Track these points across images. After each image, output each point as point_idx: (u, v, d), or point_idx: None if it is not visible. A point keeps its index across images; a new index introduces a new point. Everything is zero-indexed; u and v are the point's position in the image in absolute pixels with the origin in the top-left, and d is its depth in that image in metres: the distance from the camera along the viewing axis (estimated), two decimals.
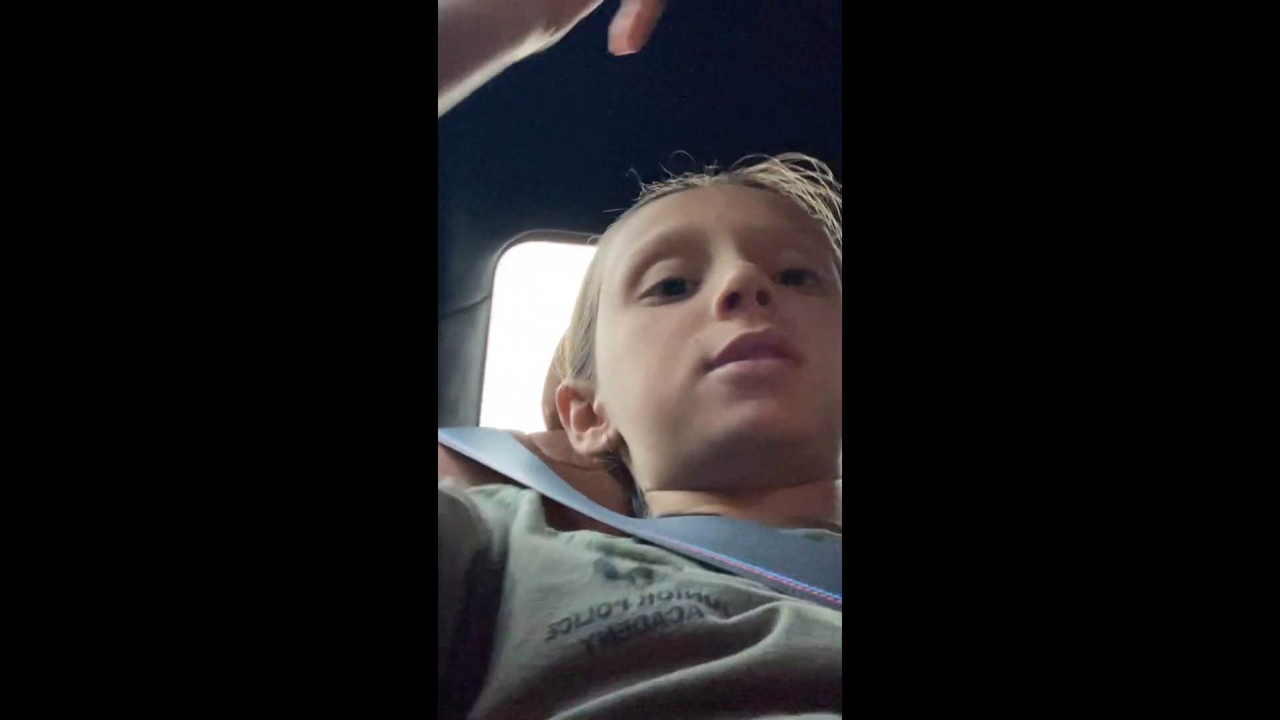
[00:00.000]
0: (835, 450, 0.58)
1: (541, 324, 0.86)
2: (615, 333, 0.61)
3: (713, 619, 0.40)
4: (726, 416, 0.54)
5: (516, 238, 0.86)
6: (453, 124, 0.73)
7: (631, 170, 0.68)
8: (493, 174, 0.83)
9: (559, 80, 0.77)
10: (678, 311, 0.58)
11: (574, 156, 0.84)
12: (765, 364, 0.54)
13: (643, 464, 0.61)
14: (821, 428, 0.56)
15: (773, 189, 0.66)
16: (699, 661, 0.39)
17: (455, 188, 0.81)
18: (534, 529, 0.50)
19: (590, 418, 0.65)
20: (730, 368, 0.54)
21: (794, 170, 0.66)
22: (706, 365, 0.55)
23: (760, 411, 0.53)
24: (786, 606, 0.41)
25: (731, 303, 0.56)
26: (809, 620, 0.40)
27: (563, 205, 0.86)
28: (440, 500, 0.47)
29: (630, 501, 0.66)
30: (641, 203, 0.66)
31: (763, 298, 0.56)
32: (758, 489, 0.56)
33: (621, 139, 0.82)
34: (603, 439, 0.63)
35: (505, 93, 0.80)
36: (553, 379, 0.74)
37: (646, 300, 0.60)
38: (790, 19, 0.76)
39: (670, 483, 0.59)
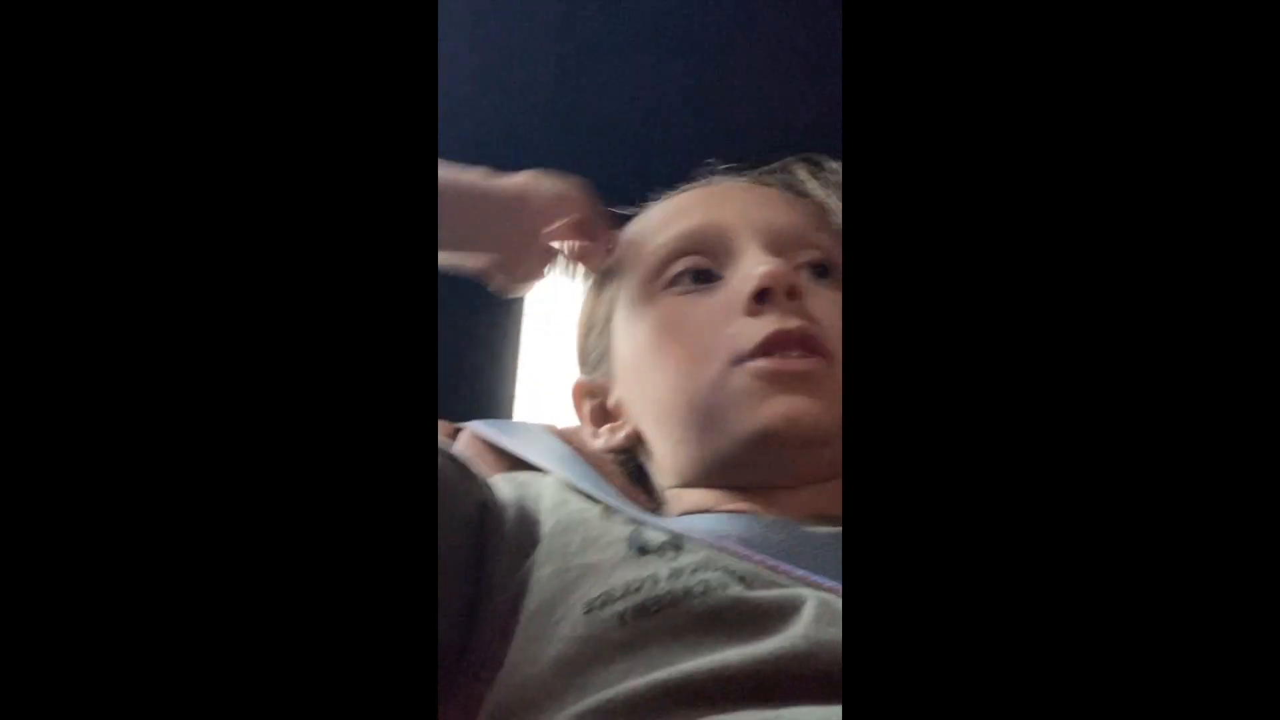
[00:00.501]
0: None
1: (530, 321, 0.86)
2: (639, 325, 0.60)
3: (738, 590, 0.41)
4: (760, 412, 0.53)
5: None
6: (462, 109, 0.72)
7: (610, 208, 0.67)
8: (505, 157, 0.83)
9: (547, 71, 0.76)
10: (706, 304, 0.58)
11: (562, 150, 0.84)
12: (798, 361, 0.54)
13: (666, 461, 0.60)
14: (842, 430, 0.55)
15: (789, 188, 0.65)
16: (726, 633, 0.40)
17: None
18: (568, 507, 0.51)
19: (605, 414, 0.64)
20: (763, 363, 0.54)
21: (808, 170, 0.66)
22: (738, 360, 0.55)
23: (793, 408, 0.53)
24: (813, 596, 0.41)
25: (763, 298, 0.56)
26: (835, 612, 0.40)
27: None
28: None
29: (646, 502, 0.66)
30: (657, 200, 0.66)
31: (793, 293, 0.56)
32: (782, 487, 0.56)
33: (662, 131, 0.82)
34: (620, 435, 0.62)
35: (479, 87, 0.79)
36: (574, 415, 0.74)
37: (673, 290, 0.59)
38: (789, 17, 0.76)
39: (695, 480, 0.58)
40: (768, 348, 0.54)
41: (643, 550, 0.45)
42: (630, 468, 0.65)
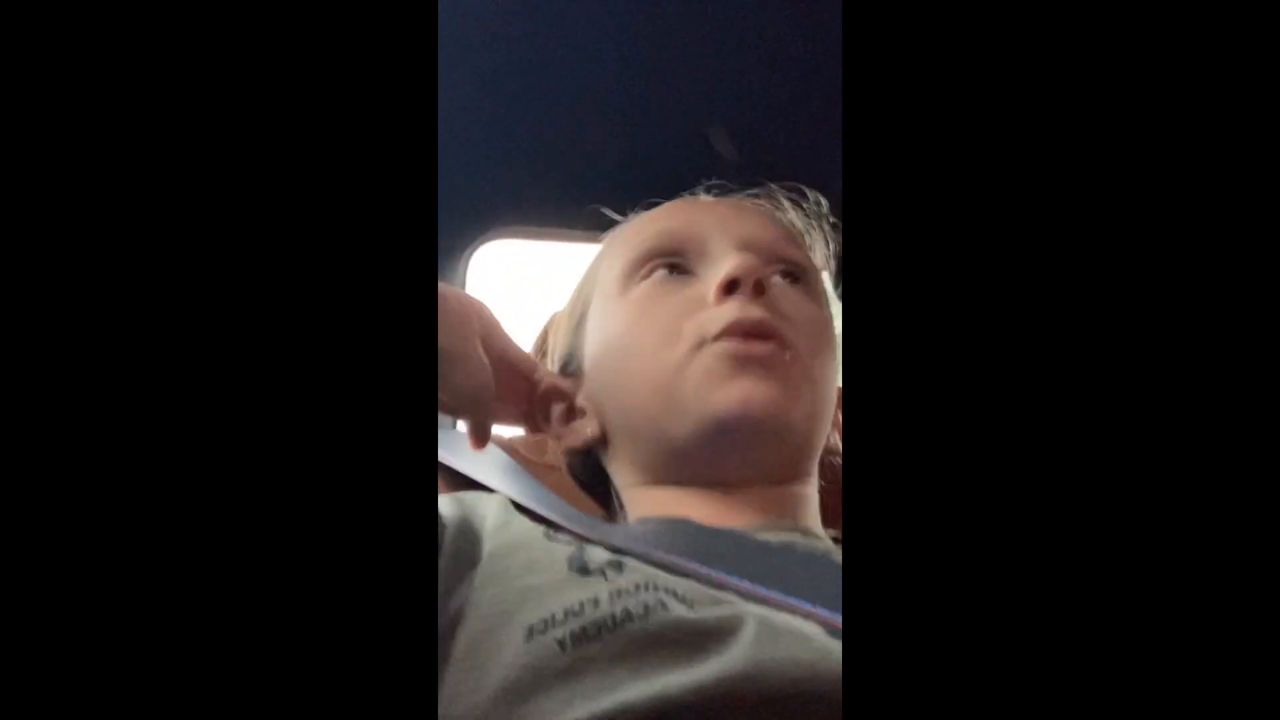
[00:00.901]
0: (814, 452, 0.59)
1: (513, 322, 0.85)
2: (612, 316, 0.61)
3: (679, 610, 0.41)
4: (721, 393, 0.54)
5: (487, 235, 0.85)
6: (462, 109, 0.71)
7: (595, 206, 0.69)
8: (463, 171, 0.82)
9: (529, 76, 0.76)
10: (678, 294, 0.59)
11: (545, 153, 0.83)
12: (761, 346, 0.55)
13: (625, 456, 0.60)
14: (804, 423, 0.56)
15: (768, 212, 0.67)
16: (668, 655, 0.39)
17: None
18: (510, 529, 0.50)
19: (572, 414, 0.64)
20: (727, 344, 0.55)
21: (790, 200, 0.68)
22: (700, 343, 0.56)
23: (754, 391, 0.54)
24: (751, 615, 0.41)
25: (730, 288, 0.56)
26: (777, 629, 0.40)
27: (533, 203, 0.85)
28: None
29: (599, 512, 0.65)
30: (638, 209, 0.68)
31: (759, 288, 0.57)
32: (736, 485, 0.56)
33: (595, 135, 0.82)
34: (585, 432, 0.62)
35: (473, 89, 0.80)
36: (539, 421, 0.74)
37: (647, 281, 0.60)
38: (780, 24, 0.76)
39: (651, 475, 0.59)
40: (731, 332, 0.55)
41: (583, 571, 0.45)
42: (587, 472, 0.65)
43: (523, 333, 0.77)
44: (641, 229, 0.64)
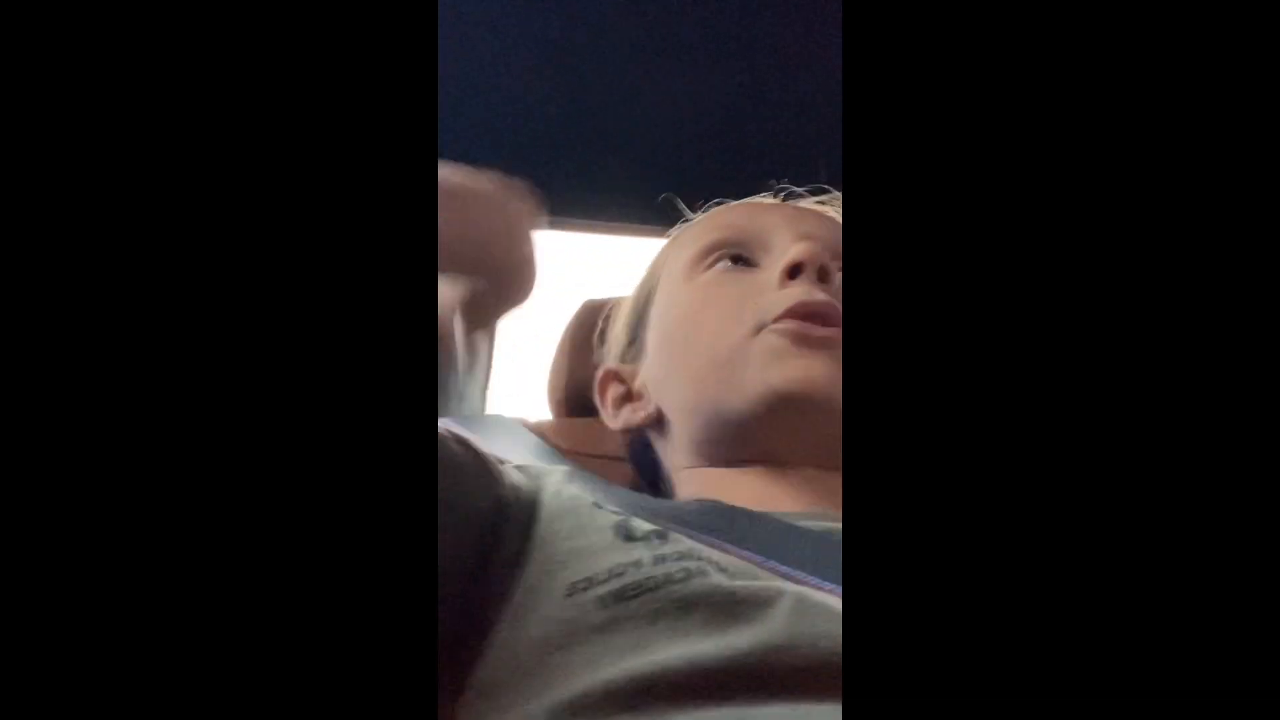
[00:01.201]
0: None
1: (549, 312, 0.86)
2: (676, 302, 0.64)
3: (719, 579, 0.42)
4: (780, 370, 0.55)
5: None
6: (464, 109, 0.72)
7: (669, 195, 0.71)
8: (506, 159, 0.83)
9: (533, 66, 0.76)
10: (742, 280, 0.61)
11: (590, 145, 0.84)
12: (820, 329, 0.56)
13: (680, 434, 0.61)
14: None
15: (832, 216, 0.69)
16: (704, 620, 0.40)
17: None
18: (562, 495, 0.51)
19: (628, 399, 0.66)
20: (787, 324, 0.56)
21: (835, 204, 0.70)
22: (762, 325, 0.57)
23: (812, 370, 0.55)
24: (790, 589, 0.42)
25: (794, 272, 0.58)
26: (813, 604, 0.41)
27: (575, 194, 0.85)
28: (454, 443, 0.48)
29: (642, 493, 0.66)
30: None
31: (824, 274, 0.58)
32: (787, 465, 0.57)
33: (632, 127, 0.82)
34: (641, 414, 0.64)
35: (475, 80, 0.80)
36: (559, 368, 0.74)
37: (711, 270, 0.63)
38: (791, 25, 0.76)
39: (703, 453, 0.60)
40: (793, 315, 0.56)
41: (629, 537, 0.45)
42: (640, 457, 0.66)
43: (521, 321, 0.77)
44: (707, 224, 0.67)
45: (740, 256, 0.63)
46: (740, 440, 0.58)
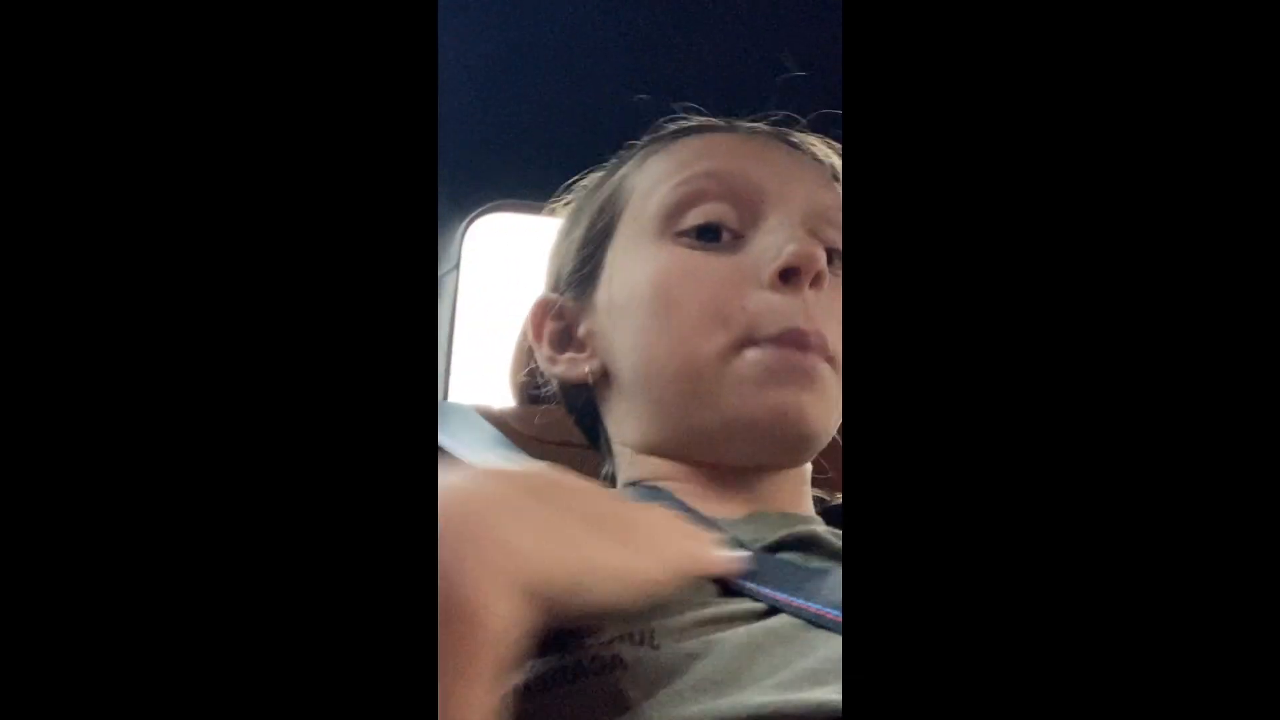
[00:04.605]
0: (818, 449, 0.57)
1: (510, 296, 0.85)
2: (641, 265, 0.56)
3: (623, 673, 0.39)
4: (759, 399, 0.51)
5: (484, 208, 0.85)
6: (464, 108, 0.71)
7: (641, 97, 0.63)
8: (460, 143, 0.82)
9: (526, 47, 0.75)
10: (719, 266, 0.54)
11: (543, 125, 0.83)
12: (804, 358, 0.52)
13: (633, 419, 0.57)
14: (824, 430, 0.54)
15: (815, 159, 0.62)
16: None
17: None
18: None
19: (569, 341, 0.60)
20: (772, 352, 0.51)
21: (824, 142, 0.63)
22: (749, 341, 0.52)
23: (793, 402, 0.51)
24: (731, 644, 0.40)
25: (787, 276, 0.52)
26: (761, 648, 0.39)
27: (532, 175, 0.84)
28: None
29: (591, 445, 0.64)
30: (673, 137, 0.61)
31: (818, 281, 0.53)
32: (734, 468, 0.54)
33: (595, 107, 0.81)
34: (584, 368, 0.58)
35: (471, 59, 0.79)
36: (522, 353, 0.72)
37: (682, 241, 0.55)
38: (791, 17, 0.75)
39: (657, 445, 0.56)
40: (780, 340, 0.51)
41: None
42: (580, 406, 0.62)
43: (517, 306, 0.76)
44: (690, 160, 0.57)
45: (720, 227, 0.55)
46: (698, 446, 0.54)
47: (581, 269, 0.60)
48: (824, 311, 0.53)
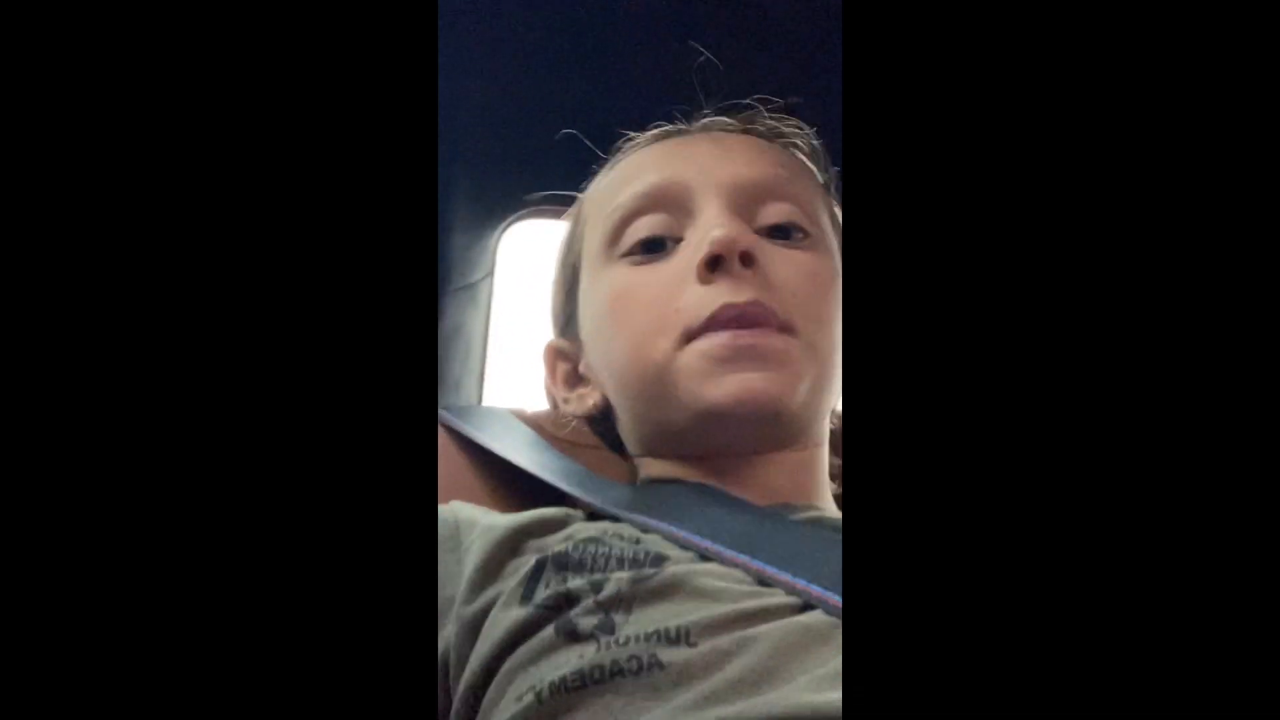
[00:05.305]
0: (823, 416, 0.58)
1: (544, 302, 0.85)
2: (597, 293, 0.59)
3: (660, 673, 0.40)
4: (710, 390, 0.52)
5: (518, 214, 0.86)
6: (452, 99, 0.72)
7: (568, 131, 0.66)
8: (494, 150, 0.82)
9: (561, 55, 0.76)
10: (659, 274, 0.56)
11: (577, 131, 0.83)
12: (749, 336, 0.52)
13: (629, 430, 0.60)
14: (810, 395, 0.54)
15: (762, 137, 0.63)
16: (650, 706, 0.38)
17: (456, 164, 0.80)
18: (486, 593, 0.48)
19: (578, 379, 0.63)
20: (712, 340, 0.52)
21: (780, 120, 0.64)
22: (689, 335, 0.53)
23: (744, 385, 0.52)
24: (768, 642, 0.40)
25: (713, 265, 0.53)
26: (790, 650, 0.39)
27: (565, 181, 0.85)
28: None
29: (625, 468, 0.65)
30: (623, 153, 0.64)
31: (746, 259, 0.53)
32: (742, 455, 0.55)
33: (626, 114, 0.81)
34: (590, 402, 0.61)
35: (506, 66, 0.80)
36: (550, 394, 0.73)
37: (627, 260, 0.57)
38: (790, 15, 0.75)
39: (655, 450, 0.59)
40: (717, 323, 0.52)
41: (572, 637, 0.43)
42: (605, 433, 0.64)
43: (517, 311, 0.77)
44: (621, 185, 0.59)
45: (656, 240, 0.56)
46: (686, 442, 0.56)
47: (567, 309, 0.63)
48: (765, 283, 0.53)
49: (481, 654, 0.45)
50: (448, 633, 0.47)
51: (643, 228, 0.57)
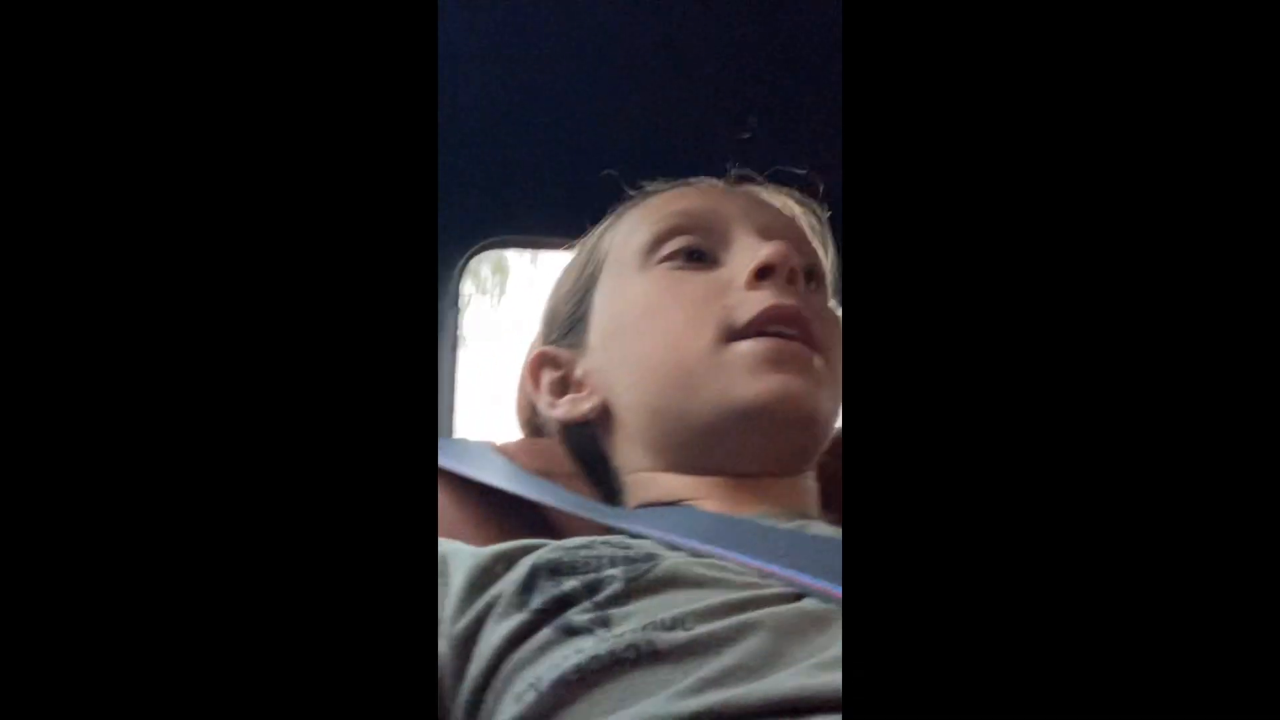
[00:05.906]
0: (823, 448, 0.59)
1: (517, 331, 0.85)
2: (627, 294, 0.61)
3: (659, 660, 0.40)
4: (752, 385, 0.54)
5: (484, 244, 0.85)
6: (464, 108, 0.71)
7: (609, 171, 0.67)
8: (460, 179, 0.82)
9: (528, 82, 0.76)
10: (702, 279, 0.58)
11: (543, 161, 0.83)
12: (793, 345, 0.55)
13: (634, 437, 0.59)
14: (827, 419, 0.57)
15: (788, 197, 0.67)
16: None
17: None
18: (475, 606, 0.47)
19: (566, 386, 0.63)
20: (759, 343, 0.54)
21: (790, 197, 0.68)
22: (732, 334, 0.55)
23: (787, 386, 0.54)
24: (765, 627, 0.40)
25: (764, 274, 0.56)
26: (789, 633, 0.39)
27: (532, 211, 0.85)
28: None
29: (595, 496, 0.64)
30: (652, 190, 0.66)
31: (793, 277, 0.57)
32: (745, 475, 0.56)
33: (593, 143, 0.82)
34: (585, 406, 0.61)
35: (472, 95, 0.80)
36: (523, 401, 0.72)
37: (668, 264, 0.59)
38: (783, 27, 0.77)
39: (660, 459, 0.58)
40: (765, 321, 0.55)
41: (569, 633, 0.43)
42: (582, 449, 0.64)
43: (514, 340, 0.76)
44: (662, 206, 0.63)
45: (698, 251, 0.59)
46: (704, 449, 0.56)
47: (573, 314, 0.64)
48: (805, 303, 0.56)
49: (480, 662, 0.44)
50: (439, 651, 0.46)
51: (682, 242, 0.60)
